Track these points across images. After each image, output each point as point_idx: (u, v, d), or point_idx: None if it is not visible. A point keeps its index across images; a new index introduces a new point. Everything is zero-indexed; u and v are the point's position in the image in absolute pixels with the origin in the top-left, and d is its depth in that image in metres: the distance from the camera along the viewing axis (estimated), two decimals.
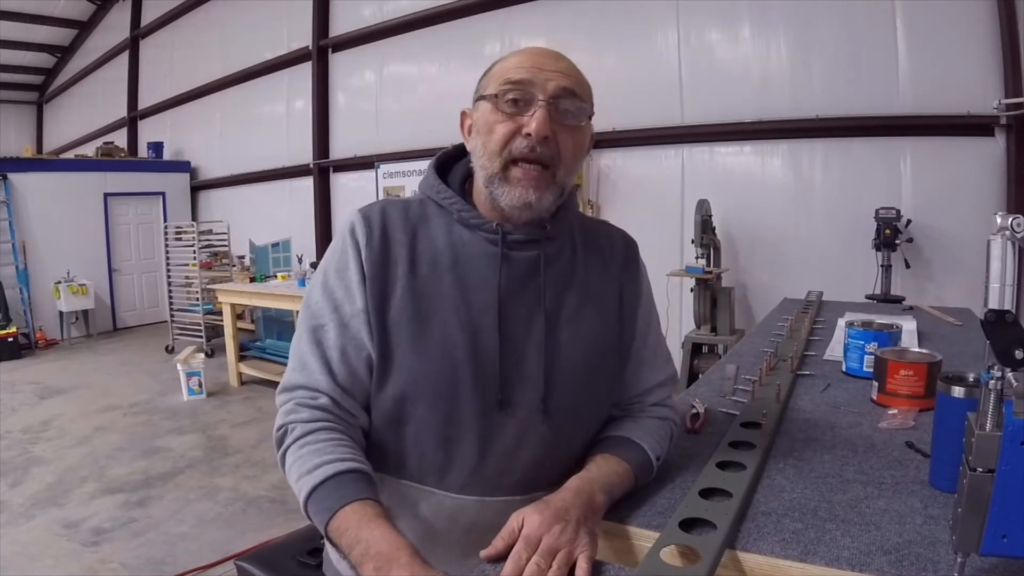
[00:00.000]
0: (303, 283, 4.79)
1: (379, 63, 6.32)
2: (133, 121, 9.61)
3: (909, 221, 3.72)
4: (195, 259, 6.23)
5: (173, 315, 6.37)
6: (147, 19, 9.25)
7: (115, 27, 9.91)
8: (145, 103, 9.39)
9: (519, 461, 0.88)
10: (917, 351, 1.31)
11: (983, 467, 0.60)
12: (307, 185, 6.96)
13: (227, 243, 6.44)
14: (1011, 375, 0.61)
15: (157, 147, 8.51)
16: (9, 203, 6.79)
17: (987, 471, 0.60)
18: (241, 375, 5.10)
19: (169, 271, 6.42)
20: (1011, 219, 0.65)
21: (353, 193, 6.55)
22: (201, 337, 6.07)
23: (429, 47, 5.89)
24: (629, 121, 4.63)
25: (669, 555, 0.72)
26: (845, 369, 1.48)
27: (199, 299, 6.13)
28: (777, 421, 1.15)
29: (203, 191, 8.52)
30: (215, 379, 5.08)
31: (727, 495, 0.82)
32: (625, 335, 0.97)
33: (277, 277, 5.41)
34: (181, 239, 6.45)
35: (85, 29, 10.74)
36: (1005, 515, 0.59)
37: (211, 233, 6.46)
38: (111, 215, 7.61)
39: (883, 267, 3.71)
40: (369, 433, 0.90)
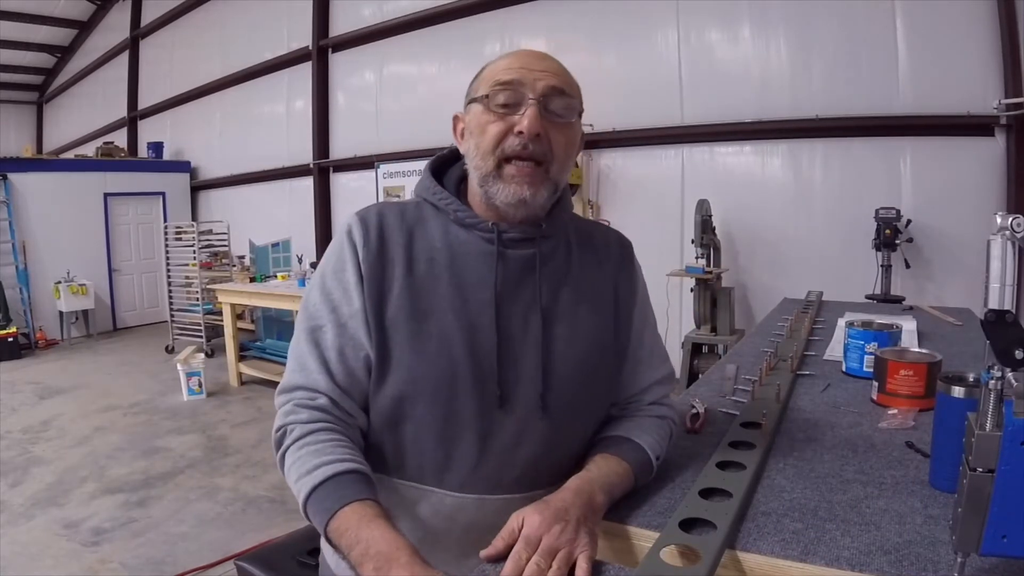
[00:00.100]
0: (303, 283, 4.79)
1: (379, 63, 6.32)
2: (133, 121, 9.61)
3: (909, 221, 3.72)
4: (195, 259, 6.23)
5: (173, 315, 6.37)
6: (147, 19, 9.25)
7: (115, 27, 9.92)
8: (145, 103, 9.39)
9: (518, 458, 0.88)
10: (917, 351, 1.31)
11: (983, 467, 0.60)
12: (307, 185, 6.97)
13: (227, 243, 6.44)
14: (1011, 375, 0.61)
15: (157, 147, 8.51)
16: (9, 203, 6.79)
17: (987, 471, 0.60)
18: (241, 375, 5.10)
19: (169, 271, 6.42)
20: (1011, 219, 0.65)
21: (353, 193, 6.55)
22: (201, 337, 6.07)
23: (429, 47, 5.89)
24: (629, 121, 4.64)
25: (669, 555, 0.72)
26: (845, 369, 1.48)
27: (199, 299, 6.13)
28: (777, 421, 1.15)
29: (203, 191, 8.52)
30: (215, 379, 5.08)
31: (727, 495, 0.82)
32: (621, 334, 0.97)
33: (277, 277, 5.41)
34: (181, 239, 6.45)
35: (85, 29, 10.75)
36: (1005, 515, 0.59)
37: (211, 233, 6.47)
38: (111, 215, 7.61)
39: (883, 267, 3.71)
40: (368, 434, 0.90)
